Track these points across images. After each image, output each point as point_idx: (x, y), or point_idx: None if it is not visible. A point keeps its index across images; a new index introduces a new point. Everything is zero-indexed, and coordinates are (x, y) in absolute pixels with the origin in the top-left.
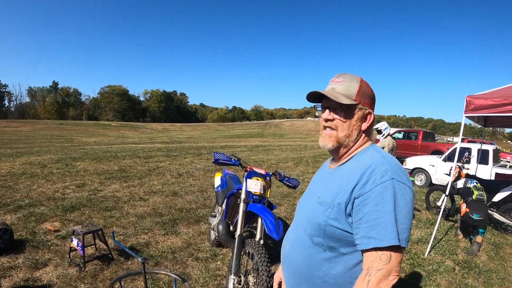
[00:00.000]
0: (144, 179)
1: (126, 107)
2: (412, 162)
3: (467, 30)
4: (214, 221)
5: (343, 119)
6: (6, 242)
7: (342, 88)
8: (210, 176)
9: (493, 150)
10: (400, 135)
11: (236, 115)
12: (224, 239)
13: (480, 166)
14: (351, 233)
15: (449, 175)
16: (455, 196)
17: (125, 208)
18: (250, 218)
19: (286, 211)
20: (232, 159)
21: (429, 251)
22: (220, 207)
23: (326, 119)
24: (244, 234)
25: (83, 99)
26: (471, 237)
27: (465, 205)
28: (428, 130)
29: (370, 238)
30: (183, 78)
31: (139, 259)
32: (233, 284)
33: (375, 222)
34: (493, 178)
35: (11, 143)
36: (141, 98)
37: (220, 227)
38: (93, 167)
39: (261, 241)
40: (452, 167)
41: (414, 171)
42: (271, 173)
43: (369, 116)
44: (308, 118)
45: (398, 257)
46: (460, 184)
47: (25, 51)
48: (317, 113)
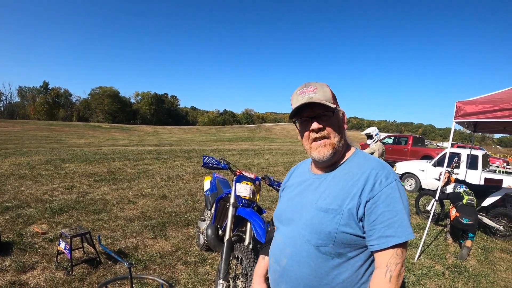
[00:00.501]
0: (134, 182)
1: (117, 109)
2: (402, 167)
3: (458, 36)
4: (203, 225)
5: (333, 125)
6: None
7: (320, 95)
8: (200, 180)
9: (483, 155)
10: (390, 140)
11: (227, 119)
12: (213, 244)
13: (470, 171)
14: (362, 237)
15: (439, 180)
16: (445, 201)
17: (114, 211)
18: (239, 223)
19: None
20: (222, 163)
21: (419, 256)
22: (209, 211)
23: (317, 130)
24: (233, 239)
25: (74, 100)
26: (461, 242)
27: (455, 210)
28: (418, 135)
29: (388, 237)
30: (175, 81)
31: (125, 264)
32: None
33: (391, 221)
34: (483, 183)
35: (0, 143)
36: (132, 100)
37: (209, 231)
38: (82, 169)
39: (250, 246)
40: (442, 172)
41: (404, 176)
42: (261, 177)
43: (344, 116)
44: None
45: (406, 249)
46: (450, 189)
47: (16, 50)
48: (301, 128)
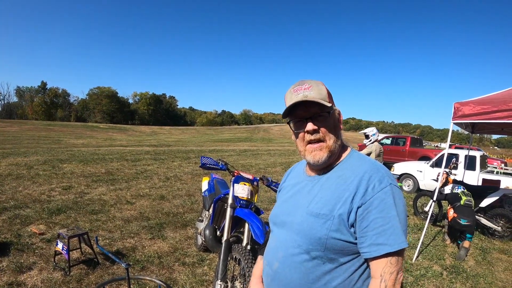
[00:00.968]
0: (132, 183)
1: (115, 109)
2: (400, 168)
3: (456, 37)
4: (201, 226)
5: (329, 126)
6: None
7: (315, 93)
8: (198, 180)
9: (480, 156)
10: (388, 141)
11: (225, 119)
12: (211, 244)
13: (468, 172)
14: (354, 243)
15: (437, 181)
16: (443, 202)
17: (112, 212)
18: (237, 223)
19: None
20: (220, 164)
21: (417, 256)
22: (207, 212)
23: (312, 131)
24: (231, 239)
25: (72, 100)
26: (459, 242)
27: (453, 211)
28: (416, 136)
29: (380, 245)
30: (173, 81)
31: (123, 265)
32: None
33: (383, 229)
34: (480, 184)
35: None
36: (130, 101)
37: (207, 232)
38: (80, 170)
39: (248, 247)
40: (440, 173)
41: (402, 177)
42: (259, 178)
43: (340, 116)
44: None
45: (402, 257)
46: (448, 190)
47: (14, 50)
48: (295, 128)
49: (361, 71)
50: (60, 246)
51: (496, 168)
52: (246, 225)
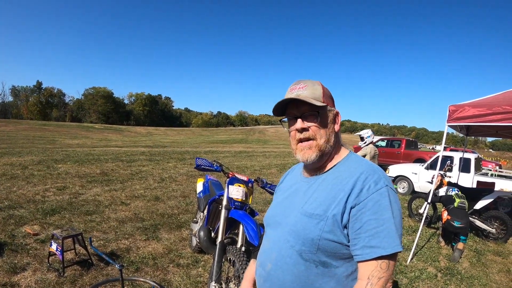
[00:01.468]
0: (126, 183)
1: (110, 110)
2: (395, 170)
3: (452, 40)
4: (196, 227)
5: (320, 125)
6: None
7: (309, 93)
8: (193, 182)
9: (475, 159)
10: (384, 143)
11: (221, 121)
12: (206, 246)
13: (462, 174)
14: (347, 245)
15: (431, 183)
16: (437, 204)
17: (106, 213)
18: (232, 225)
19: None
20: (214, 165)
21: (411, 258)
22: (202, 213)
23: (302, 129)
24: (226, 241)
25: (67, 100)
26: (453, 244)
27: (447, 213)
28: (411, 139)
29: (373, 248)
30: (169, 82)
31: (117, 266)
32: None
33: (376, 231)
34: (475, 186)
35: None
36: (126, 101)
37: (202, 234)
38: (75, 170)
39: (243, 248)
40: (435, 175)
41: (397, 179)
42: (253, 180)
43: (338, 117)
44: None
45: (394, 264)
46: (442, 192)
47: (10, 49)
48: (286, 127)
49: (357, 73)
50: (54, 247)
51: (491, 171)
52: (241, 227)
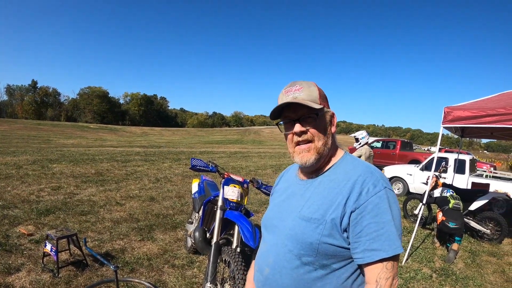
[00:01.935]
0: (121, 184)
1: (106, 109)
2: (390, 171)
3: (447, 43)
4: (191, 228)
5: (318, 128)
6: None
7: (305, 95)
8: (188, 182)
9: (470, 160)
10: (379, 144)
11: (216, 121)
12: (201, 246)
13: (457, 176)
14: (347, 248)
15: (426, 184)
16: (432, 205)
17: (101, 213)
18: (227, 226)
19: None
20: (210, 166)
21: (407, 259)
22: (197, 214)
23: (300, 133)
24: (221, 242)
25: (62, 100)
26: (448, 245)
27: (442, 214)
28: (406, 140)
29: (374, 251)
30: (164, 82)
31: (111, 267)
32: None
33: (377, 234)
34: (470, 187)
35: None
36: (121, 101)
37: (197, 234)
38: (70, 170)
39: (238, 249)
40: (429, 176)
41: (392, 180)
42: (249, 180)
43: (334, 119)
44: None
45: (397, 262)
46: (437, 193)
47: (5, 48)
48: (283, 131)
49: (353, 74)
50: (49, 247)
51: (486, 172)
52: (236, 228)
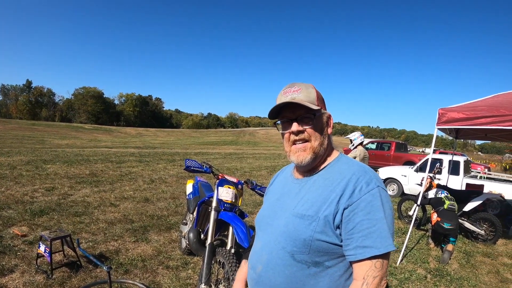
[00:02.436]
0: (116, 185)
1: (100, 110)
2: (385, 172)
3: (441, 45)
4: (185, 229)
5: (315, 128)
6: None
7: (304, 96)
8: (183, 183)
9: (464, 161)
10: (374, 146)
11: (211, 122)
12: (195, 248)
13: (451, 177)
14: (339, 245)
15: (421, 185)
16: (426, 206)
17: (95, 214)
18: (221, 227)
19: None
20: (204, 167)
21: (401, 260)
22: (192, 215)
23: (297, 132)
24: (215, 243)
25: (57, 100)
26: (442, 246)
27: (436, 215)
28: (401, 141)
29: (366, 248)
30: (159, 83)
31: (104, 268)
32: None
33: (369, 231)
34: (464, 189)
35: None
36: (116, 102)
37: (191, 235)
38: (64, 171)
39: (232, 250)
40: (424, 178)
41: (387, 181)
42: (243, 182)
43: (330, 120)
44: None
45: (388, 262)
46: (432, 194)
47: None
48: (281, 130)
49: (348, 76)
50: (43, 249)
51: (480, 173)
52: (230, 229)
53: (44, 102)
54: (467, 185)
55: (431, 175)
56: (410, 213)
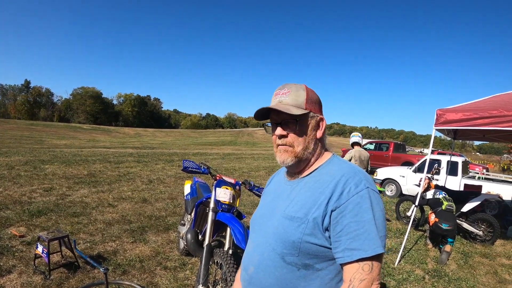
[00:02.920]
0: (114, 185)
1: (99, 110)
2: (383, 173)
3: (439, 45)
4: (183, 230)
5: (298, 133)
6: None
7: (290, 99)
8: (181, 184)
9: (462, 162)
10: (372, 146)
11: (210, 122)
12: (193, 248)
13: (450, 177)
14: (329, 248)
15: (419, 186)
16: (425, 207)
17: (93, 214)
18: (219, 227)
19: None
20: (202, 167)
21: (399, 261)
22: (189, 216)
23: (280, 136)
24: (213, 244)
25: (55, 100)
26: (440, 247)
27: (434, 215)
28: (399, 142)
29: (353, 250)
30: (158, 83)
31: (101, 269)
32: None
33: (357, 233)
34: (462, 189)
35: None
36: (115, 102)
37: (189, 236)
38: (62, 171)
39: (230, 251)
40: (422, 178)
41: (385, 182)
42: (241, 182)
43: (322, 123)
44: None
45: (379, 266)
46: (430, 195)
47: None
48: (269, 132)
49: (346, 77)
50: (40, 249)
51: (478, 174)
52: (228, 230)
53: (43, 102)
54: (465, 186)
55: (429, 176)
56: (408, 214)
